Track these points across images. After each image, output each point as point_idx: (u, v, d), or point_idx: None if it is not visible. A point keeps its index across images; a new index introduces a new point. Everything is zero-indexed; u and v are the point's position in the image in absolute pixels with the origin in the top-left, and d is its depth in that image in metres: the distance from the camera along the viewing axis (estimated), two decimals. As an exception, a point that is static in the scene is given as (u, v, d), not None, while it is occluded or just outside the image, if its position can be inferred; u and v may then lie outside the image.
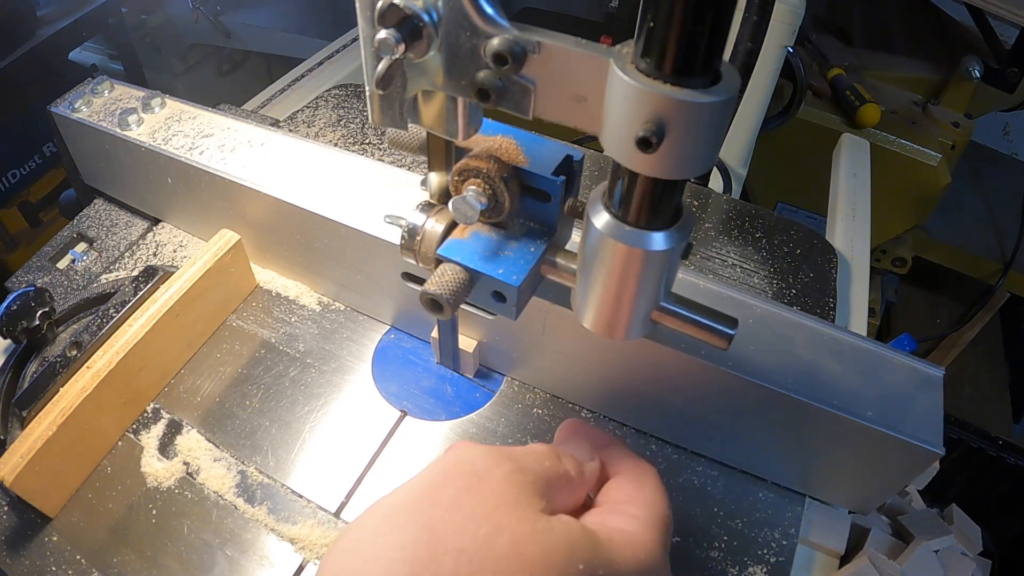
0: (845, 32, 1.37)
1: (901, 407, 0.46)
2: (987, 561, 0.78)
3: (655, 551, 0.35)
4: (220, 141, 0.61)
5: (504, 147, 0.41)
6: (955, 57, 1.25)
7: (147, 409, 0.56)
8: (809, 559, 0.52)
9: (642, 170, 0.31)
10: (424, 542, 0.29)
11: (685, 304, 0.39)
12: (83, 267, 0.67)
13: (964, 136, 1.22)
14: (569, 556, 0.30)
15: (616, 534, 0.34)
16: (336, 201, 0.55)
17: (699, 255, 0.68)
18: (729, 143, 0.93)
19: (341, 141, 0.77)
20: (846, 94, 1.19)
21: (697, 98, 0.28)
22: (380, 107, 0.38)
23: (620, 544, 0.34)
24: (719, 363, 0.47)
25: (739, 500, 0.52)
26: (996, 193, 1.46)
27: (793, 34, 0.84)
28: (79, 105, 0.65)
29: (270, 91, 0.94)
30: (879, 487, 0.50)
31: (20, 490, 0.46)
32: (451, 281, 0.40)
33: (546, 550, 0.30)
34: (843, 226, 0.79)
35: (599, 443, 0.42)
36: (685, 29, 0.27)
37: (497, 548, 0.29)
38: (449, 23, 0.33)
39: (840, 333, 0.50)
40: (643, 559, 0.34)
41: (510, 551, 0.29)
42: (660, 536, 0.36)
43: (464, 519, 0.30)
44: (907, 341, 1.35)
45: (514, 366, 0.57)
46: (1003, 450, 1.18)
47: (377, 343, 0.60)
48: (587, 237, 0.36)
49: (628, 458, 0.41)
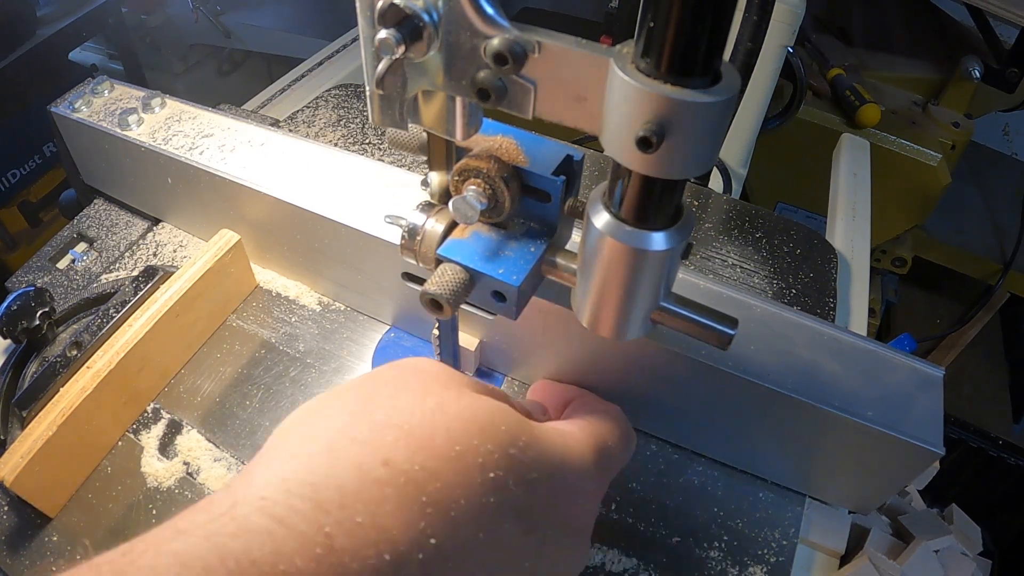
0: (845, 32, 1.37)
1: (901, 407, 0.46)
2: (987, 561, 0.78)
3: (585, 453, 0.36)
4: (220, 141, 0.61)
5: (504, 147, 0.41)
6: (955, 57, 1.25)
7: (147, 409, 0.56)
8: (809, 559, 0.52)
9: (642, 170, 0.31)
10: (360, 404, 0.31)
11: (685, 304, 0.39)
12: (83, 267, 0.67)
13: (964, 136, 1.22)
14: (492, 419, 0.31)
15: (549, 426, 0.36)
16: (336, 201, 0.55)
17: (699, 255, 0.68)
18: (729, 143, 0.93)
19: (341, 141, 0.77)
20: (846, 94, 1.19)
21: (697, 98, 0.28)
22: (380, 107, 0.38)
23: (550, 431, 0.35)
24: (719, 363, 0.47)
25: (739, 500, 0.52)
26: (996, 193, 1.46)
27: (793, 34, 0.84)
28: (79, 105, 0.65)
29: (270, 91, 0.94)
30: (879, 487, 0.50)
31: (20, 490, 0.46)
32: (451, 281, 0.40)
33: (470, 410, 0.31)
34: (843, 226, 0.79)
35: (567, 396, 0.44)
36: (685, 29, 0.27)
37: (424, 407, 0.31)
38: (449, 23, 0.33)
39: (840, 333, 0.50)
40: (572, 450, 0.35)
41: (435, 408, 0.31)
42: (596, 444, 0.37)
43: (397, 390, 0.32)
44: (907, 341, 1.36)
45: (514, 366, 0.57)
46: (1003, 450, 1.18)
47: (377, 343, 0.60)
48: (587, 237, 0.36)
49: (593, 400, 0.43)
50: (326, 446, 0.29)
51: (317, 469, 0.27)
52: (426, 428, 0.29)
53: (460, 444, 0.29)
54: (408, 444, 0.28)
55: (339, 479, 0.27)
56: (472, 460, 0.29)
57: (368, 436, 0.29)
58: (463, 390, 0.33)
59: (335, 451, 0.28)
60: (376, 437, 0.28)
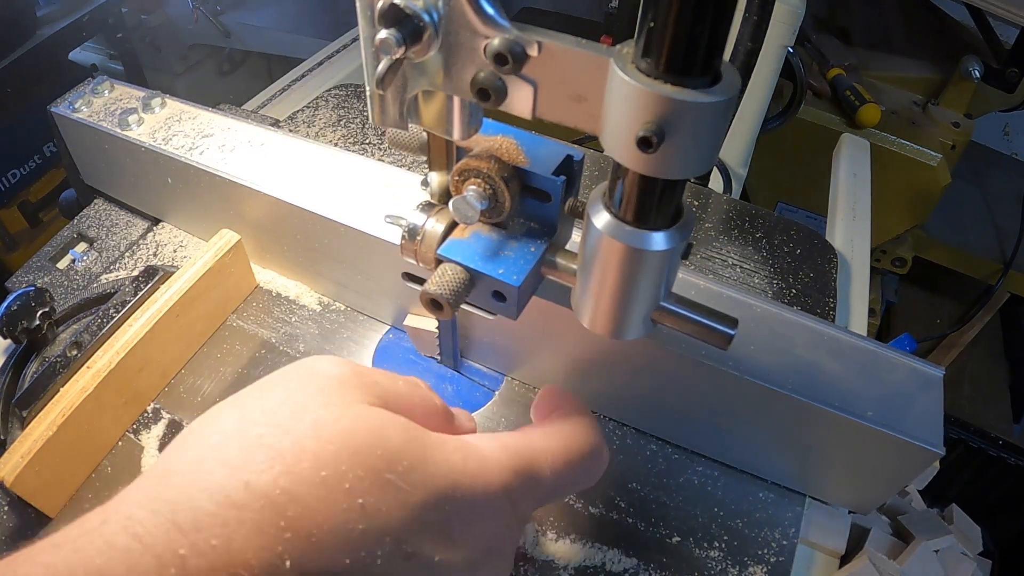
0: (845, 32, 1.37)
1: (901, 407, 0.46)
2: (987, 561, 0.78)
3: (496, 474, 0.34)
4: (220, 141, 0.61)
5: (504, 147, 0.41)
6: (955, 57, 1.25)
7: (147, 409, 0.56)
8: (809, 559, 0.52)
9: (642, 170, 0.31)
10: (239, 420, 0.31)
11: (685, 304, 0.39)
12: (83, 267, 0.67)
13: (964, 136, 1.22)
14: (368, 442, 0.30)
15: (455, 444, 0.34)
16: (336, 201, 0.55)
17: (699, 255, 0.68)
18: (729, 143, 0.93)
19: (341, 141, 0.77)
20: (846, 94, 1.19)
21: (697, 98, 0.28)
22: (380, 107, 0.38)
23: (452, 450, 0.33)
24: (719, 363, 0.47)
25: (739, 500, 0.52)
26: (996, 193, 1.46)
27: (793, 34, 0.84)
28: (79, 105, 0.65)
29: (270, 91, 0.94)
30: (879, 487, 0.50)
31: (20, 490, 0.46)
32: (451, 281, 0.40)
33: (345, 433, 0.30)
34: (843, 226, 0.79)
35: (554, 405, 0.42)
36: (685, 29, 0.27)
37: (299, 427, 0.30)
38: (449, 23, 0.33)
39: (840, 333, 0.50)
40: (476, 471, 0.33)
41: (308, 429, 0.30)
42: (516, 467, 0.35)
43: (280, 403, 0.32)
44: (907, 341, 1.36)
45: (514, 366, 0.57)
46: (1003, 450, 1.18)
47: (377, 343, 0.60)
48: (587, 237, 0.36)
49: (564, 417, 0.41)
50: (195, 465, 0.29)
51: (181, 489, 0.28)
52: (295, 451, 0.29)
53: (327, 469, 0.29)
54: (273, 467, 0.28)
55: (199, 501, 0.27)
56: (337, 485, 0.28)
57: (236, 457, 0.29)
58: (349, 406, 0.32)
59: (201, 471, 0.28)
60: (244, 458, 0.29)
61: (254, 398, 0.33)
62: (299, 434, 0.30)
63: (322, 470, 0.29)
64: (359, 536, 0.28)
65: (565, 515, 0.50)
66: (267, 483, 0.28)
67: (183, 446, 0.31)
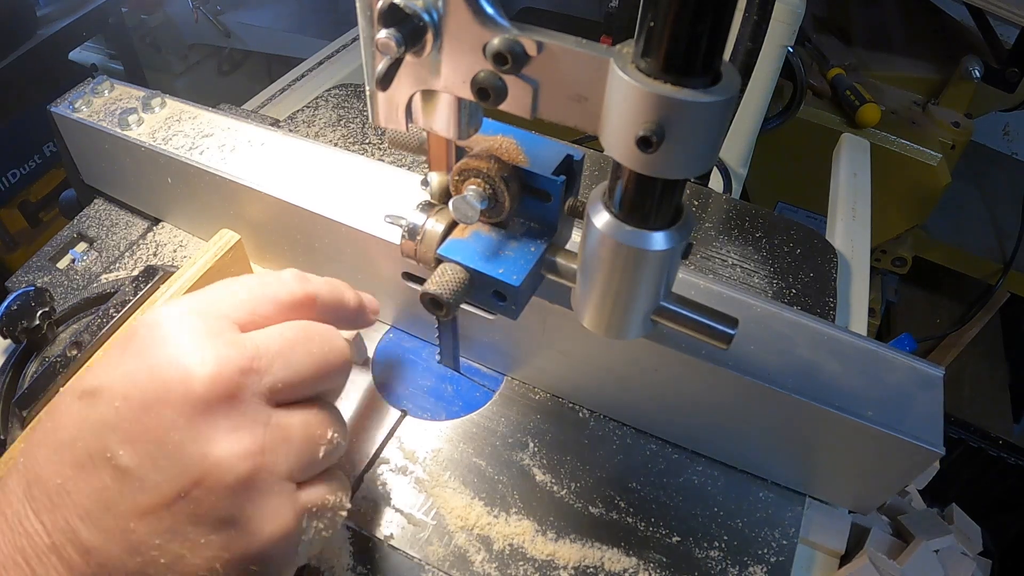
0: (845, 32, 1.37)
1: (901, 407, 0.46)
2: (987, 561, 0.78)
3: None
4: (220, 141, 0.61)
5: (504, 147, 0.41)
6: (955, 57, 1.25)
7: (147, 409, 0.56)
8: (809, 559, 0.52)
9: (642, 170, 0.31)
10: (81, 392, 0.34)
11: (685, 304, 0.39)
12: (83, 267, 0.67)
13: (964, 136, 1.22)
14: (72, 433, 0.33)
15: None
16: (336, 201, 0.55)
17: (699, 255, 0.68)
18: (729, 143, 0.93)
19: (341, 141, 0.77)
20: (846, 94, 1.19)
21: (697, 98, 0.28)
22: (380, 107, 0.38)
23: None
24: (719, 363, 0.47)
25: (739, 500, 0.52)
26: (996, 193, 1.46)
27: (793, 34, 0.84)
28: (79, 105, 0.65)
29: (270, 91, 0.94)
30: (879, 487, 0.50)
31: (20, 490, 0.46)
32: (451, 281, 0.40)
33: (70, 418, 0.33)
34: (843, 226, 0.79)
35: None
36: (685, 29, 0.27)
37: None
38: (449, 23, 0.33)
39: (840, 333, 0.50)
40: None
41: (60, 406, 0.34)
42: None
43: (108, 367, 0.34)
44: (907, 341, 1.36)
45: (514, 366, 0.57)
46: (1003, 450, 1.18)
47: (377, 343, 0.60)
48: (587, 237, 0.36)
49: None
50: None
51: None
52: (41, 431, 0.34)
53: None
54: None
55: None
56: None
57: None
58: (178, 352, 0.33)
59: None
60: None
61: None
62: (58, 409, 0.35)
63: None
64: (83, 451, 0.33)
65: (565, 515, 0.50)
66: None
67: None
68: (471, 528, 0.49)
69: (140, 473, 0.31)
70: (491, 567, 0.47)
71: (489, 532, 0.49)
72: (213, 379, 0.32)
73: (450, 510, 0.50)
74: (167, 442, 0.32)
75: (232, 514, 0.32)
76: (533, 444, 0.54)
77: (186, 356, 0.33)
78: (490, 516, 0.49)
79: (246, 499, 0.33)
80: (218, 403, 0.32)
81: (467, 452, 0.53)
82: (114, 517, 0.31)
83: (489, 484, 0.51)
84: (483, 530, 0.49)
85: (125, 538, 0.31)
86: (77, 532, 0.31)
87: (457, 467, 0.52)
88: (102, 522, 0.31)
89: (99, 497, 0.31)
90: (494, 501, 0.50)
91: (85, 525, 0.31)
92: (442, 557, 0.47)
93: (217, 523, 0.32)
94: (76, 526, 0.31)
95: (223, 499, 0.32)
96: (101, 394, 0.33)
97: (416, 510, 0.50)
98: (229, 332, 0.35)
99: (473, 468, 0.52)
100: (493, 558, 0.47)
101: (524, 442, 0.54)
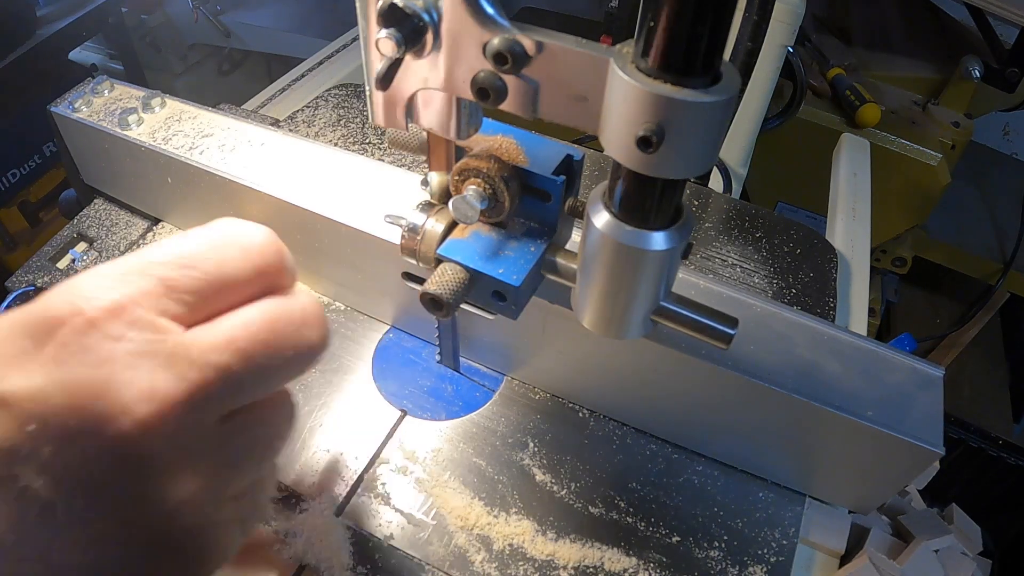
0: (845, 32, 1.37)
1: (901, 407, 0.46)
2: (987, 561, 0.78)
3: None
4: (220, 141, 0.61)
5: (504, 147, 0.41)
6: (955, 57, 1.25)
7: (147, 409, 0.56)
8: (809, 559, 0.52)
9: (642, 170, 0.31)
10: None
11: (685, 304, 0.39)
12: (83, 267, 0.67)
13: (964, 136, 1.22)
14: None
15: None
16: (336, 201, 0.55)
17: (699, 255, 0.68)
18: (729, 143, 0.93)
19: (341, 141, 0.77)
20: (846, 94, 1.19)
21: (697, 98, 0.28)
22: (380, 107, 0.38)
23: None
24: (719, 363, 0.47)
25: (739, 500, 0.52)
26: (996, 193, 1.46)
27: (793, 34, 0.84)
28: (79, 105, 0.65)
29: (270, 91, 0.94)
30: (879, 487, 0.50)
31: (20, 490, 0.46)
32: (451, 281, 0.40)
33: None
34: (843, 226, 0.79)
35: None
36: (685, 29, 0.27)
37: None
38: (449, 23, 0.33)
39: (840, 333, 0.50)
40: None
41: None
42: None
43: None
44: (907, 341, 1.36)
45: (514, 366, 0.57)
46: (1003, 450, 1.18)
47: (377, 343, 0.60)
48: (587, 237, 0.36)
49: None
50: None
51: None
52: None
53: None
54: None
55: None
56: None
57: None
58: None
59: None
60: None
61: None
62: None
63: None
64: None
65: (565, 514, 0.50)
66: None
67: None
68: (471, 528, 0.49)
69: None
70: (491, 567, 0.47)
71: (489, 532, 0.49)
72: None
73: (450, 510, 0.50)
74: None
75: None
76: (533, 444, 0.54)
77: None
78: (490, 516, 0.49)
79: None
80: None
81: (467, 452, 0.53)
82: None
83: (489, 484, 0.51)
84: (483, 530, 0.49)
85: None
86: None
87: (457, 467, 0.52)
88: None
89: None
90: (494, 501, 0.50)
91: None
92: (442, 557, 0.47)
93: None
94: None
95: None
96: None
97: (416, 510, 0.50)
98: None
99: (473, 468, 0.52)
100: (493, 558, 0.47)
101: (524, 442, 0.54)
